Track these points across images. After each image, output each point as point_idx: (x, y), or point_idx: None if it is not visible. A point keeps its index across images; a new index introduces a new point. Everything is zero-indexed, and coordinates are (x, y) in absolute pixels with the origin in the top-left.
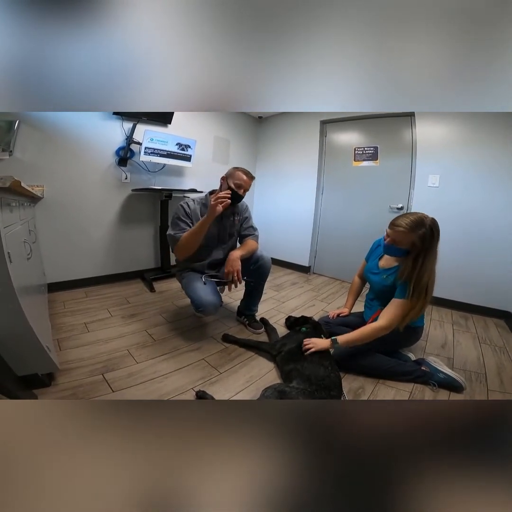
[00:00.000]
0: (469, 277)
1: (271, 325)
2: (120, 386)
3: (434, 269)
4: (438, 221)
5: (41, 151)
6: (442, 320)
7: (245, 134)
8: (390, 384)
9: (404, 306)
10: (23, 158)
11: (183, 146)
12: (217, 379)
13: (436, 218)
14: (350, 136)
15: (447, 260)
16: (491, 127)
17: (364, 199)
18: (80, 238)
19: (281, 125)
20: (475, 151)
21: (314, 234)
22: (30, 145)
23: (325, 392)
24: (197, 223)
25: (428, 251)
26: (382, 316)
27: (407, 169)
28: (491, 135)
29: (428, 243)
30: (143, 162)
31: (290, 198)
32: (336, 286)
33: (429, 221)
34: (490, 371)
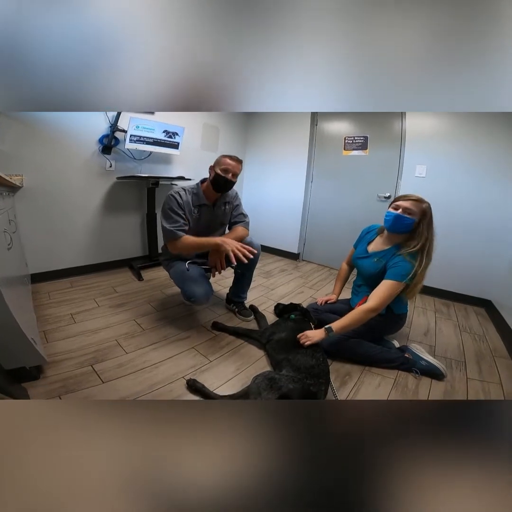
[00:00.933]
0: (452, 266)
1: (261, 313)
2: (110, 377)
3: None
4: None
5: (20, 140)
6: (425, 307)
7: (235, 121)
8: (376, 371)
9: (394, 286)
10: (2, 148)
11: (171, 133)
12: (207, 367)
13: None
14: (340, 125)
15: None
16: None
17: (353, 187)
18: (63, 227)
19: (271, 113)
20: (462, 143)
21: (303, 221)
22: (9, 135)
23: (314, 379)
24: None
25: (430, 224)
26: (371, 298)
27: (396, 159)
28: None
29: (430, 215)
30: (128, 150)
31: (280, 186)
32: (325, 273)
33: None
34: (470, 359)
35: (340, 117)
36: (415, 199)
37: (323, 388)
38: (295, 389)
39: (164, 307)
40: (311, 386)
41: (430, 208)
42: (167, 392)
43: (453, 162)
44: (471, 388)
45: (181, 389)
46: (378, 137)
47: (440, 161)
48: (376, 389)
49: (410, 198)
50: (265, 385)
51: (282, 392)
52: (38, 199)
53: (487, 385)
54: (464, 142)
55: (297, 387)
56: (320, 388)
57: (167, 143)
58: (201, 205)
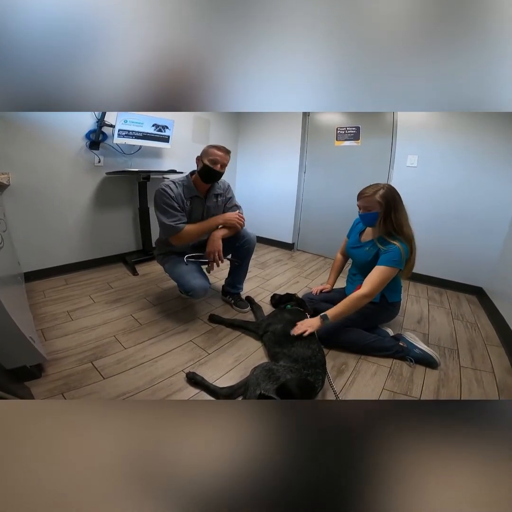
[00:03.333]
0: (445, 254)
1: (257, 303)
2: (111, 373)
3: (408, 224)
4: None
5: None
6: (419, 295)
7: (226, 113)
8: (372, 360)
9: (386, 272)
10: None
11: (160, 127)
12: (206, 360)
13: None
14: (332, 116)
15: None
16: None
17: (345, 177)
18: (54, 224)
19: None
20: (453, 133)
21: (297, 211)
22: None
23: (311, 369)
24: (208, 223)
25: (395, 207)
26: (365, 284)
27: (387, 149)
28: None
29: (391, 200)
30: (117, 145)
31: (273, 176)
32: (320, 263)
33: (386, 185)
34: (462, 347)
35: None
36: (367, 195)
37: (320, 377)
38: (293, 379)
39: (161, 301)
40: (309, 376)
41: (387, 194)
42: (167, 386)
43: (444, 152)
44: (464, 377)
45: (181, 383)
46: (370, 128)
47: (431, 151)
48: (373, 377)
49: (362, 196)
50: (264, 376)
51: (280, 382)
52: (26, 197)
53: (479, 373)
54: (455, 133)
55: (295, 377)
56: (318, 378)
57: (157, 137)
58: (192, 197)
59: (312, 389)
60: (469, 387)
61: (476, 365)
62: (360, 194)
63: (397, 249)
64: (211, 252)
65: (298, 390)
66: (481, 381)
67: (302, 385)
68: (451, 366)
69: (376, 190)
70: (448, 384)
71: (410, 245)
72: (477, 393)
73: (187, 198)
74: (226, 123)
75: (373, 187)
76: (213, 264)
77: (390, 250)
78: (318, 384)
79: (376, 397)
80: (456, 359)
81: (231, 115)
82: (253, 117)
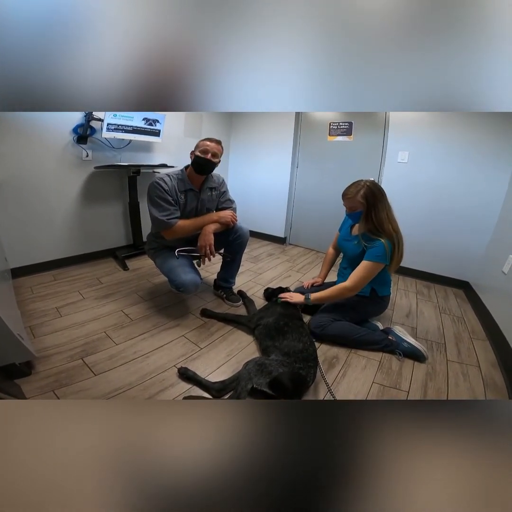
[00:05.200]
0: (433, 249)
1: (249, 297)
2: (102, 369)
3: (393, 217)
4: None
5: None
6: (407, 289)
7: None
8: (362, 353)
9: (369, 267)
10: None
11: (151, 121)
12: (198, 355)
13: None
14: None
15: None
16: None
17: (337, 172)
18: (42, 220)
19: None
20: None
21: (289, 206)
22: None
23: (303, 363)
24: (202, 219)
25: (375, 205)
26: (349, 278)
27: (379, 145)
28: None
29: (371, 199)
30: (106, 139)
31: (266, 171)
32: (311, 257)
33: (367, 183)
34: (449, 341)
35: None
36: (349, 196)
37: (312, 371)
38: (285, 373)
39: (152, 296)
40: (301, 370)
41: (367, 193)
42: (159, 382)
43: (435, 148)
44: (451, 370)
45: (173, 378)
46: (362, 124)
47: (422, 148)
48: (363, 371)
49: (346, 197)
50: (256, 371)
51: (273, 376)
52: (14, 192)
53: (465, 367)
54: (446, 129)
55: (287, 370)
56: (310, 371)
57: (148, 131)
58: (187, 190)
59: (304, 382)
60: (455, 380)
61: (463, 359)
62: (344, 194)
63: (381, 244)
64: (203, 246)
65: (290, 384)
66: (467, 374)
67: (295, 378)
68: (438, 360)
69: (358, 190)
70: (435, 378)
71: (392, 241)
72: (463, 386)
73: (181, 191)
74: (219, 118)
75: (355, 186)
76: (204, 258)
77: (374, 245)
78: (310, 378)
79: (367, 390)
80: (443, 353)
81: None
82: (246, 112)
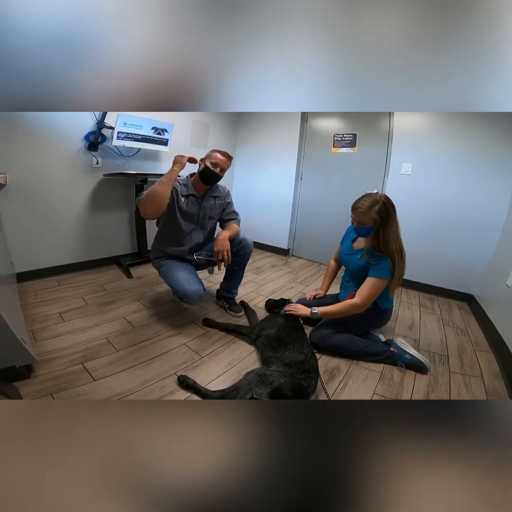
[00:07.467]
0: (437, 261)
1: (251, 308)
2: (102, 375)
3: (399, 237)
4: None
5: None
6: (410, 302)
7: (225, 118)
8: (363, 365)
9: (377, 284)
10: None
11: (160, 130)
12: (198, 363)
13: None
14: (330, 123)
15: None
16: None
17: (341, 185)
18: (49, 225)
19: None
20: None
21: (293, 217)
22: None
23: (304, 374)
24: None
25: (387, 222)
26: (358, 294)
27: (383, 157)
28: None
29: (385, 215)
30: (115, 147)
31: (270, 182)
32: (314, 269)
33: (382, 198)
34: (452, 353)
35: (330, 114)
36: (362, 210)
37: (313, 382)
38: (286, 383)
39: (154, 304)
40: (302, 381)
41: (383, 209)
42: (159, 389)
43: (439, 160)
44: (453, 382)
45: (173, 385)
46: (366, 135)
47: (425, 159)
48: (364, 382)
49: (357, 211)
50: (256, 381)
51: (273, 386)
52: (23, 197)
53: (468, 378)
54: (450, 141)
55: (288, 381)
56: (311, 382)
57: (156, 140)
58: (189, 195)
59: (305, 393)
60: (458, 391)
61: (465, 370)
62: (355, 207)
63: (386, 261)
64: (220, 251)
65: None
66: (470, 386)
67: (296, 389)
68: (440, 371)
69: (372, 205)
70: (437, 389)
71: (393, 262)
72: (466, 397)
73: (183, 195)
74: (225, 128)
75: (368, 199)
76: (220, 264)
77: (380, 262)
78: (311, 389)
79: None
80: (445, 364)
81: (230, 120)
82: (252, 123)
